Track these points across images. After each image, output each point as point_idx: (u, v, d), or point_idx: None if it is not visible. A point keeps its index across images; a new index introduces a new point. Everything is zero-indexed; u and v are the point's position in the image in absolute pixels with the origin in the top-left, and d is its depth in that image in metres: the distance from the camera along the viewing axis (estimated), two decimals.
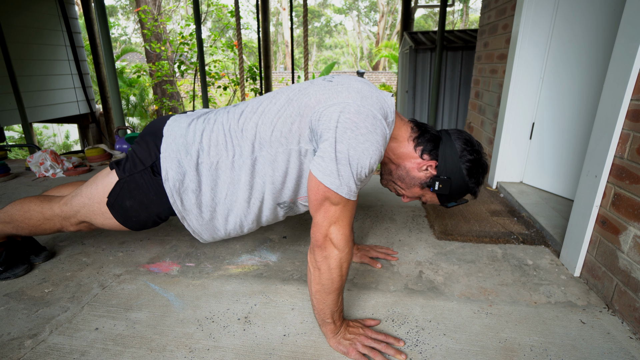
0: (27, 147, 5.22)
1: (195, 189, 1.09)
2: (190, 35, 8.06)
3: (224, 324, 1.11)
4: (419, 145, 1.05)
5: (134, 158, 1.14)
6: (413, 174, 1.07)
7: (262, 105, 1.05)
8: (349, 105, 0.90)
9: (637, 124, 1.11)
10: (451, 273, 1.38)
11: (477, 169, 1.05)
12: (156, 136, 1.12)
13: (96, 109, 6.53)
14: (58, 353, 0.99)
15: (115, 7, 18.94)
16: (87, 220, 1.20)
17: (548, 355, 0.99)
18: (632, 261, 1.11)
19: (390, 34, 18.82)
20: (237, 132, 1.05)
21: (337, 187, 0.88)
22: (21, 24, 5.01)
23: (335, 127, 0.88)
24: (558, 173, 1.99)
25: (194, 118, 1.14)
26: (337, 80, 1.00)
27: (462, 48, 5.30)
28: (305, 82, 1.05)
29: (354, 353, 0.97)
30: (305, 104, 0.97)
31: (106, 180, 1.16)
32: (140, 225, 1.20)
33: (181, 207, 1.11)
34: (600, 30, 1.69)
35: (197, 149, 1.07)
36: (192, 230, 1.16)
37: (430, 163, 1.05)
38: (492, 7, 2.47)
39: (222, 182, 1.08)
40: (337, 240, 0.92)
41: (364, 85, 0.98)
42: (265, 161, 1.04)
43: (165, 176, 1.08)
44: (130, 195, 1.13)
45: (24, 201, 1.25)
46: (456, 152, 1.03)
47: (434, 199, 1.11)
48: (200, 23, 4.58)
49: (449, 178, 1.03)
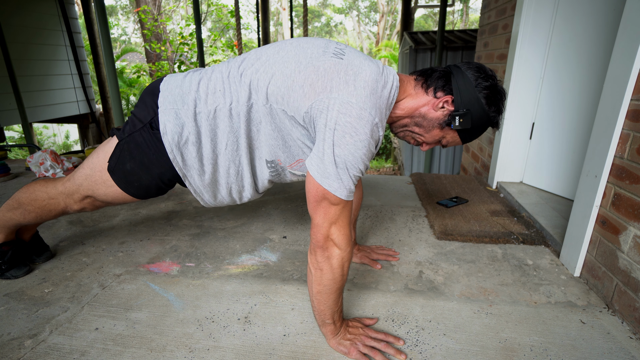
0: (27, 147, 5.22)
1: (195, 141, 1.05)
2: (190, 35, 8.07)
3: (224, 324, 1.11)
4: (429, 87, 1.01)
5: (133, 119, 1.11)
6: (430, 115, 1.02)
7: (267, 54, 1.02)
8: (352, 105, 0.88)
9: (637, 124, 1.11)
10: (451, 273, 1.38)
11: (495, 96, 0.99)
12: (153, 94, 1.09)
13: (96, 109, 6.54)
14: (58, 353, 0.99)
15: (115, 7, 18.93)
16: (90, 193, 1.17)
17: (548, 355, 0.99)
18: (632, 261, 1.11)
19: (390, 34, 18.82)
20: (236, 77, 1.02)
21: (336, 190, 0.88)
22: (21, 24, 5.01)
23: (334, 128, 0.87)
24: (558, 173, 1.99)
25: (190, 72, 1.12)
26: (347, 59, 0.96)
27: (462, 48, 5.30)
28: (317, 46, 1.00)
29: (354, 353, 0.97)
30: (311, 82, 0.93)
31: (107, 147, 1.13)
32: (143, 191, 1.16)
33: (182, 163, 1.08)
34: (600, 30, 1.69)
35: (194, 98, 1.04)
36: (193, 189, 1.13)
37: (445, 99, 0.99)
38: (492, 7, 2.47)
39: (221, 131, 1.05)
40: (339, 239, 0.92)
41: (371, 68, 0.94)
42: (259, 110, 1.01)
43: (163, 130, 1.05)
44: (131, 157, 1.10)
45: (30, 184, 1.25)
46: (470, 81, 0.97)
47: (455, 138, 1.05)
48: (200, 23, 4.58)
49: (468, 110, 0.98)
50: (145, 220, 1.84)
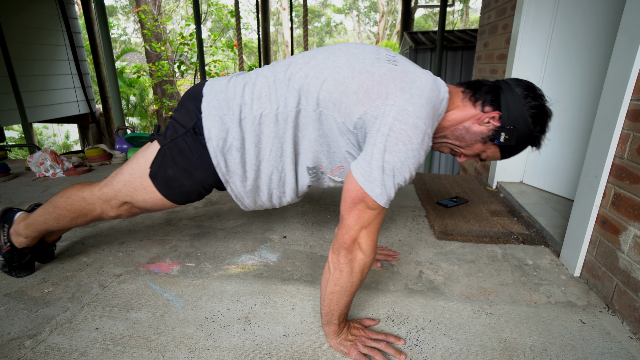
0: (27, 147, 5.22)
1: (239, 147, 1.04)
2: (190, 35, 8.07)
3: (224, 324, 1.11)
4: (477, 100, 0.99)
5: (174, 124, 1.09)
6: (474, 129, 1.01)
7: (316, 59, 1.01)
8: (408, 113, 0.86)
9: (637, 124, 1.11)
10: (451, 273, 1.38)
11: (542, 116, 0.98)
12: (196, 98, 1.07)
13: (96, 109, 6.54)
14: (58, 353, 0.99)
15: (115, 7, 18.93)
16: (129, 199, 1.15)
17: (548, 355, 0.99)
18: (632, 261, 1.11)
19: (390, 34, 18.81)
20: (283, 82, 1.01)
21: (378, 196, 0.86)
22: (21, 24, 5.01)
23: (388, 134, 0.85)
24: (558, 173, 1.99)
25: (233, 76, 1.10)
26: (402, 66, 0.95)
27: (462, 48, 5.31)
28: (368, 52, 0.99)
29: (354, 353, 0.97)
30: (366, 88, 0.91)
31: (147, 153, 1.12)
32: (184, 196, 1.15)
33: (225, 169, 1.07)
34: (600, 30, 1.69)
35: (239, 103, 1.02)
36: (234, 195, 1.12)
37: (493, 114, 0.98)
38: (492, 7, 2.47)
39: (265, 137, 1.03)
40: (366, 245, 0.90)
41: (426, 77, 0.93)
42: (308, 116, 0.99)
43: (208, 135, 1.03)
44: (173, 162, 1.09)
45: (66, 189, 1.23)
46: (519, 99, 0.96)
47: (495, 153, 1.04)
48: (200, 23, 4.58)
49: (515, 127, 0.97)
50: (145, 220, 1.84)
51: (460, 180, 2.42)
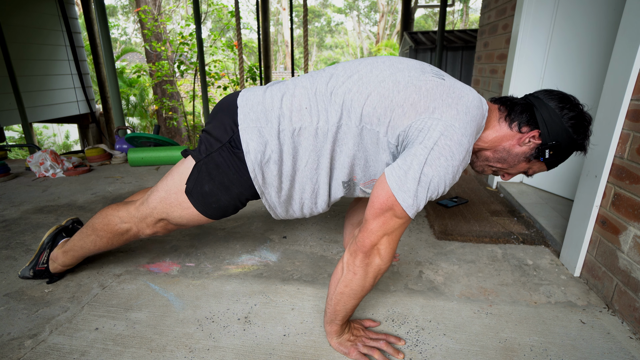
0: (27, 147, 5.22)
1: (277, 159, 1.01)
2: (190, 35, 8.07)
3: (224, 324, 1.11)
4: (513, 122, 0.98)
5: (209, 139, 1.07)
6: (515, 151, 1.00)
7: (359, 73, 0.99)
8: (454, 129, 0.86)
9: (637, 124, 1.11)
10: (451, 273, 1.38)
11: (582, 123, 0.96)
12: (230, 110, 1.05)
13: (96, 109, 6.54)
14: (58, 353, 0.99)
15: (115, 7, 18.93)
16: (164, 216, 1.13)
17: (548, 355, 0.99)
18: (632, 261, 1.11)
19: (390, 34, 18.82)
20: (325, 95, 0.98)
21: (408, 206, 0.85)
22: (21, 24, 5.01)
23: (432, 148, 0.84)
24: (558, 173, 1.99)
25: (268, 86, 1.07)
26: (449, 81, 0.95)
27: (462, 48, 5.31)
28: (413, 66, 0.99)
29: (354, 353, 0.98)
30: (412, 102, 0.91)
31: (181, 169, 1.10)
32: (221, 212, 1.13)
33: (262, 181, 1.05)
34: (600, 30, 1.69)
35: (277, 115, 1.00)
36: (268, 205, 1.11)
37: (532, 134, 0.97)
38: (492, 7, 2.47)
39: (303, 149, 1.01)
40: (385, 252, 0.90)
41: (473, 94, 0.94)
42: (349, 131, 0.98)
43: (246, 149, 1.01)
44: (210, 178, 1.06)
45: (102, 210, 1.23)
46: (555, 113, 0.95)
47: (542, 167, 1.04)
48: (200, 23, 4.58)
49: (558, 142, 0.96)
50: None
51: (460, 180, 2.42)
